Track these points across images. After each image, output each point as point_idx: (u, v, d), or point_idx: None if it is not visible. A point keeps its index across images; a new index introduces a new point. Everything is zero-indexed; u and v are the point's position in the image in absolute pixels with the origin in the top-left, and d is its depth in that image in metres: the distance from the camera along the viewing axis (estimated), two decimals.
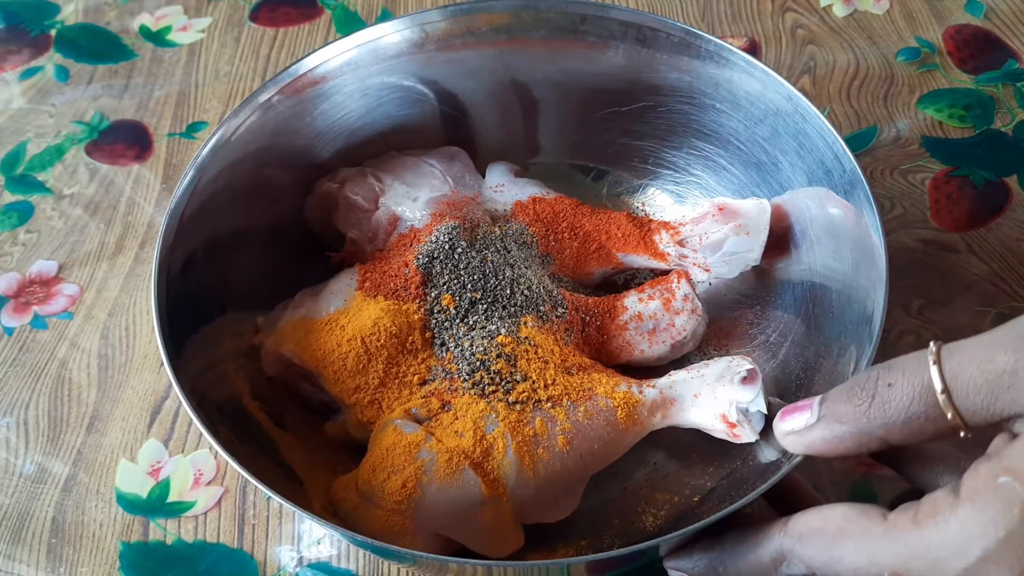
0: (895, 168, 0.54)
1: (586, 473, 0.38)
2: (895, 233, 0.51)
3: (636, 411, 0.38)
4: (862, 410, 0.30)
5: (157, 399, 0.46)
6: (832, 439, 0.30)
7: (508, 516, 0.36)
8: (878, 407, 0.29)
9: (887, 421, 0.29)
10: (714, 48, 0.45)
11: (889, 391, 0.29)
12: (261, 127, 0.44)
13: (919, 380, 0.28)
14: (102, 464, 0.44)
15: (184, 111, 0.59)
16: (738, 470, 0.39)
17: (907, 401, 0.28)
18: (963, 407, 0.27)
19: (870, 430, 0.29)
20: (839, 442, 0.30)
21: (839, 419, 0.30)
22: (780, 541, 0.30)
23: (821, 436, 0.31)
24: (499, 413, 0.37)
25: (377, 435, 0.38)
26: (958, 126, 0.56)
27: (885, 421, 0.29)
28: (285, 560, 0.41)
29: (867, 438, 0.30)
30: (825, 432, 0.31)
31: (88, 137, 0.58)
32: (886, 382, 0.29)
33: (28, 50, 0.64)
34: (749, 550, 0.31)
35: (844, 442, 0.30)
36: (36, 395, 0.47)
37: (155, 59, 0.63)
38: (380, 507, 0.36)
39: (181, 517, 0.42)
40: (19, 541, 0.42)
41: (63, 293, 0.51)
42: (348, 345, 0.40)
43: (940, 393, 0.28)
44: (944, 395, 0.28)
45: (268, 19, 0.65)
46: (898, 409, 0.29)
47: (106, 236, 0.53)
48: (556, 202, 0.47)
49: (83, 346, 0.48)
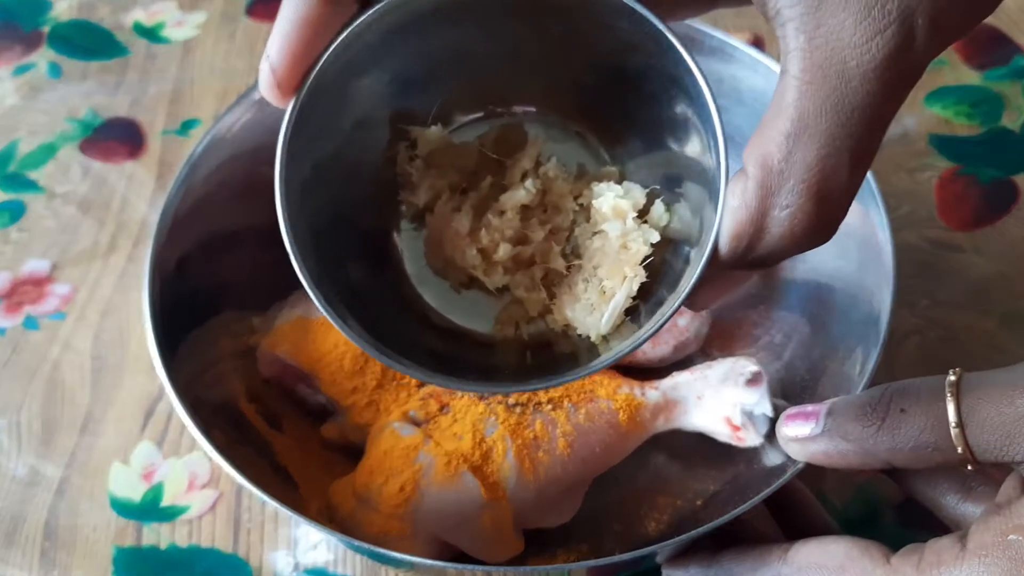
0: (901, 166, 0.54)
1: (587, 477, 0.38)
2: (901, 232, 0.50)
3: (638, 414, 0.38)
4: (870, 432, 0.29)
5: (151, 401, 0.46)
6: (835, 454, 0.30)
7: (508, 521, 0.36)
8: (887, 431, 0.29)
9: (894, 446, 0.28)
10: (718, 43, 0.45)
11: (901, 417, 0.28)
12: (256, 124, 0.44)
13: (932, 410, 0.28)
14: (95, 467, 0.44)
15: (178, 108, 0.59)
16: (742, 474, 0.39)
17: (918, 431, 0.28)
18: (976, 445, 0.27)
19: (875, 452, 0.29)
20: (841, 457, 0.30)
21: (845, 436, 0.30)
22: (778, 570, 0.30)
23: (824, 449, 0.30)
24: (498, 416, 0.37)
25: (374, 438, 0.38)
26: (965, 123, 0.56)
27: (893, 446, 0.29)
28: (281, 565, 0.40)
29: (871, 459, 0.29)
30: (829, 446, 0.30)
31: (81, 134, 0.57)
32: (899, 407, 0.29)
33: (20, 46, 0.63)
34: (747, 572, 0.31)
35: (847, 458, 0.30)
36: (28, 397, 0.46)
37: (149, 55, 0.62)
38: (377, 511, 0.35)
39: (175, 521, 0.42)
40: (12, 545, 0.41)
41: (55, 293, 0.50)
42: (345, 346, 0.39)
43: (954, 427, 0.27)
44: (958, 429, 0.27)
45: (264, 14, 0.65)
46: (908, 437, 0.28)
47: (99, 235, 0.53)
48: None
49: (76, 347, 0.48)
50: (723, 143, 0.26)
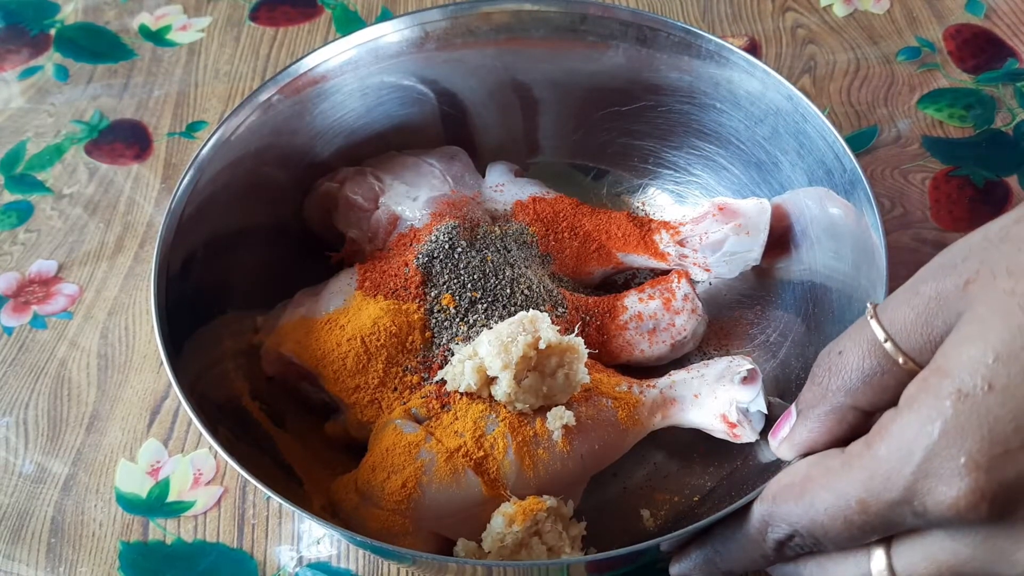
0: (896, 168, 0.54)
1: (586, 473, 0.38)
2: (895, 233, 0.51)
3: (636, 411, 0.38)
4: (824, 385, 0.30)
5: (157, 399, 0.46)
6: (814, 428, 0.31)
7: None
8: (836, 376, 0.30)
9: (849, 386, 0.30)
10: (714, 48, 0.45)
11: (841, 358, 0.30)
12: (261, 126, 0.44)
13: (863, 338, 0.29)
14: (102, 464, 0.44)
15: (184, 110, 0.59)
16: (738, 470, 0.39)
17: (859, 360, 0.29)
18: (908, 348, 0.28)
19: (838, 401, 0.30)
20: (820, 426, 0.31)
21: (810, 405, 0.31)
22: (759, 509, 0.31)
23: (805, 431, 0.32)
24: (499, 413, 0.37)
25: (377, 435, 0.38)
26: (959, 126, 0.56)
27: (847, 386, 0.30)
28: (285, 560, 0.41)
29: (840, 411, 0.30)
30: (805, 425, 0.31)
31: (88, 136, 0.58)
32: (836, 351, 0.30)
33: (28, 49, 0.64)
34: (736, 530, 0.32)
35: (825, 424, 0.31)
36: (36, 395, 0.47)
37: (155, 58, 0.63)
38: (380, 507, 0.36)
39: (180, 517, 0.42)
40: (19, 541, 0.42)
41: (63, 293, 0.51)
42: (348, 345, 0.40)
43: (885, 342, 0.28)
44: (889, 343, 0.28)
45: (268, 18, 0.65)
46: (853, 370, 0.29)
47: (106, 236, 0.53)
48: (556, 202, 0.47)
49: (83, 346, 0.48)
50: None
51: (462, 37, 0.48)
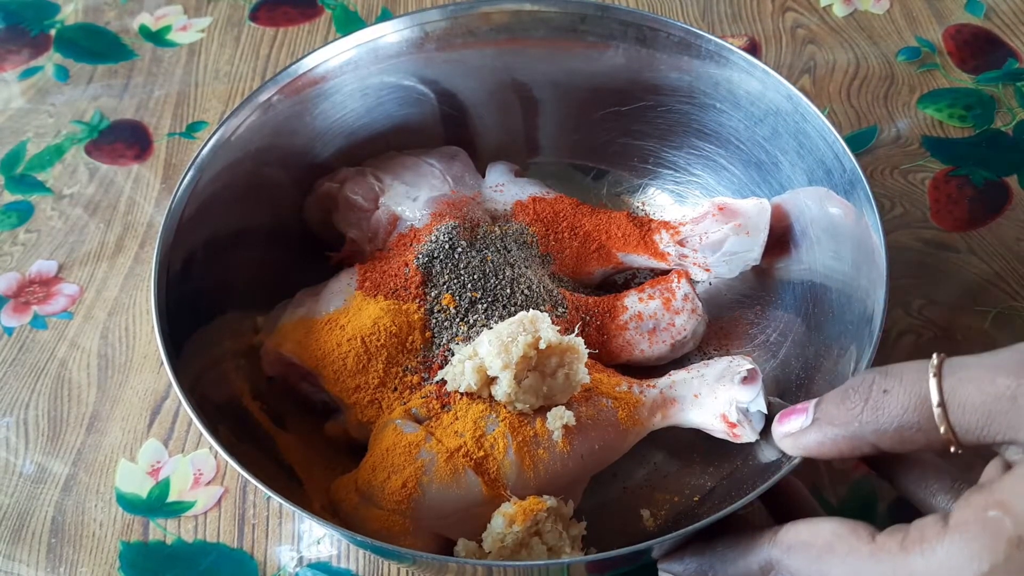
0: (895, 168, 0.54)
1: (586, 473, 0.38)
2: (895, 233, 0.51)
3: (636, 411, 0.38)
4: (854, 413, 0.29)
5: (157, 399, 0.46)
6: (826, 441, 0.31)
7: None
8: (871, 412, 0.29)
9: (879, 427, 0.29)
10: (714, 48, 0.45)
11: (884, 397, 0.29)
12: (261, 127, 0.44)
13: (916, 390, 0.28)
14: (102, 464, 0.44)
15: (184, 111, 0.59)
16: (738, 470, 0.39)
17: (901, 410, 0.28)
18: (958, 424, 0.27)
19: (862, 434, 0.29)
20: (832, 444, 0.30)
21: (832, 422, 0.30)
22: (769, 551, 0.30)
23: (815, 439, 0.31)
24: (499, 413, 0.37)
25: (377, 435, 0.38)
26: (958, 126, 0.56)
27: (877, 427, 0.29)
28: (285, 560, 0.41)
29: (859, 442, 0.30)
30: (819, 435, 0.31)
31: (88, 137, 0.58)
32: (882, 388, 0.29)
33: (28, 50, 0.64)
34: (739, 557, 0.32)
35: (837, 444, 0.30)
36: (36, 395, 0.47)
37: (155, 59, 0.63)
38: (380, 507, 0.36)
39: (181, 517, 0.42)
40: (19, 541, 0.42)
41: (63, 293, 0.51)
42: (348, 345, 0.40)
43: (936, 407, 0.27)
44: (940, 409, 0.27)
45: (268, 19, 0.65)
46: (891, 416, 0.28)
47: (106, 236, 0.53)
48: (556, 202, 0.47)
49: (83, 346, 0.48)
50: None
51: (462, 37, 0.48)
